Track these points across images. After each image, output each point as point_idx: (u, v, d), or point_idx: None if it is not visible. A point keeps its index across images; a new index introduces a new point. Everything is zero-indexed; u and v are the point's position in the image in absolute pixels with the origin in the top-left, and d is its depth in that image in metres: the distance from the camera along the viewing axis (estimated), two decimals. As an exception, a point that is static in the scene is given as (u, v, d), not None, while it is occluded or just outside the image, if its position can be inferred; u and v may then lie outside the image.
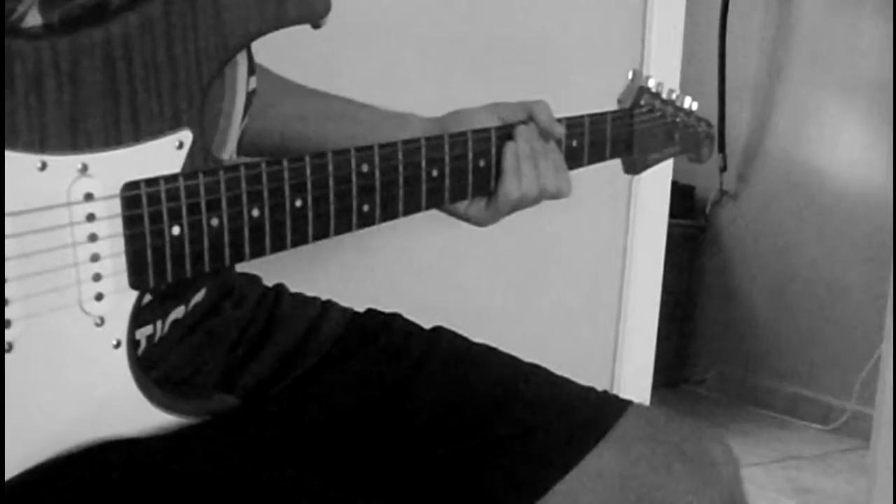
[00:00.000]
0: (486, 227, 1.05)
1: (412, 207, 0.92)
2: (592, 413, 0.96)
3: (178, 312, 0.91)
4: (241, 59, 0.91)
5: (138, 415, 0.80)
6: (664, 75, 1.71)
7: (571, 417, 0.96)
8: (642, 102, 1.12)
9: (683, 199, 3.69)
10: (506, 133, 1.00)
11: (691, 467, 0.94)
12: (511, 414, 0.96)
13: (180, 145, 0.78)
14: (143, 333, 0.85)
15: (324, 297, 1.07)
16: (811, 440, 3.32)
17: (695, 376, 3.89)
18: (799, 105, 3.50)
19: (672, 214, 1.80)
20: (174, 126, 0.77)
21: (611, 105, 1.78)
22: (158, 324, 0.88)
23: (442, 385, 0.98)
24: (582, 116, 1.06)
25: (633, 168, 1.14)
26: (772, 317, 3.65)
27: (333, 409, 0.97)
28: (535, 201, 1.03)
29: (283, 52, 1.07)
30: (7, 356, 0.72)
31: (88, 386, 0.77)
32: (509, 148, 0.99)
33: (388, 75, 1.50)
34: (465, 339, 1.04)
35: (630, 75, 1.14)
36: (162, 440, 0.81)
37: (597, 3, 1.67)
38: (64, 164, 0.73)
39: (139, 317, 0.81)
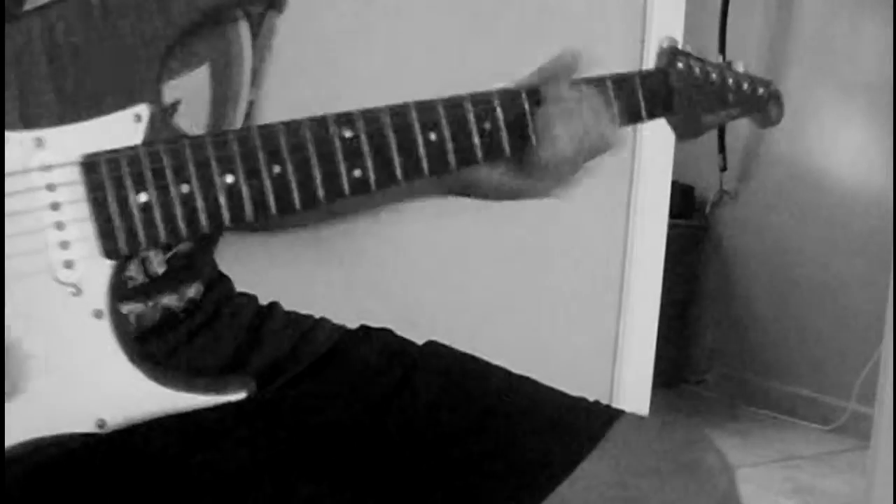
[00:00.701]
0: (546, 198, 0.99)
1: (413, 172, 0.89)
2: (584, 422, 0.96)
3: (171, 300, 0.91)
4: (245, 38, 0.91)
5: (134, 390, 0.80)
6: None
7: (563, 427, 0.95)
8: (680, 64, 1.07)
9: (683, 199, 3.69)
10: (509, 96, 0.95)
11: (685, 475, 0.93)
12: (502, 424, 0.96)
13: (138, 118, 0.79)
14: (130, 309, 0.86)
15: (317, 315, 1.08)
16: (811, 440, 3.32)
17: (695, 376, 3.89)
18: (799, 105, 3.50)
19: (672, 214, 1.81)
20: (129, 101, 0.79)
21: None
22: (149, 304, 0.88)
23: (432, 396, 0.98)
24: (604, 77, 1.00)
25: (685, 131, 1.08)
26: (772, 317, 3.65)
27: (320, 419, 0.97)
28: (579, 153, 0.95)
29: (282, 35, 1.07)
30: None
31: (74, 358, 0.78)
32: (539, 113, 0.94)
33: (384, 77, 1.50)
34: (456, 352, 1.04)
35: (663, 42, 1.09)
36: (153, 431, 0.81)
37: (597, 3, 1.66)
38: (18, 139, 0.76)
39: (125, 294, 0.82)
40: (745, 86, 1.12)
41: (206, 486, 0.78)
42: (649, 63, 1.70)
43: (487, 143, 0.92)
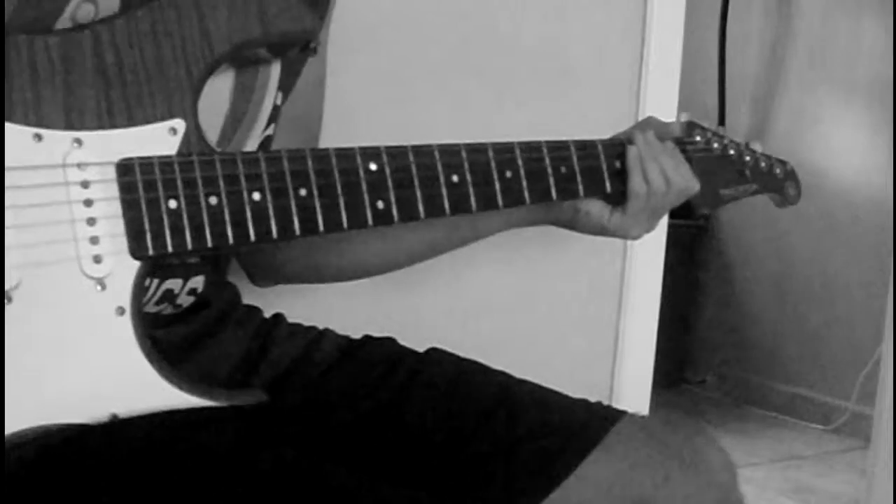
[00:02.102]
0: (638, 237, 1.09)
1: (435, 210, 0.92)
2: (586, 422, 0.97)
3: (174, 284, 0.93)
4: (274, 70, 0.95)
5: (149, 389, 0.82)
6: (664, 75, 1.71)
7: (565, 427, 0.96)
8: (697, 137, 1.12)
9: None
10: (529, 146, 1.00)
11: (688, 473, 0.94)
12: (504, 425, 0.96)
13: (174, 132, 0.83)
14: None
15: (321, 327, 1.09)
16: (811, 440, 3.32)
17: (695, 376, 3.89)
18: (799, 105, 3.50)
19: (672, 214, 1.80)
20: (166, 115, 0.83)
21: (611, 106, 1.77)
22: (154, 283, 0.90)
23: (434, 400, 0.99)
24: (621, 142, 1.07)
25: (703, 203, 1.14)
26: (772, 317, 3.65)
27: (326, 422, 0.98)
28: (666, 197, 1.06)
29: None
30: (7, 307, 0.76)
31: (93, 351, 0.80)
32: (631, 150, 1.04)
33: (390, 81, 1.50)
34: (458, 357, 1.05)
35: (682, 117, 1.15)
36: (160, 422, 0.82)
37: (597, 3, 1.67)
38: (58, 137, 0.79)
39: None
40: (763, 164, 1.18)
41: (203, 471, 0.78)
42: (649, 63, 1.70)
43: (506, 188, 0.98)
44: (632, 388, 1.78)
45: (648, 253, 1.77)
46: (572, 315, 1.73)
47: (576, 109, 1.64)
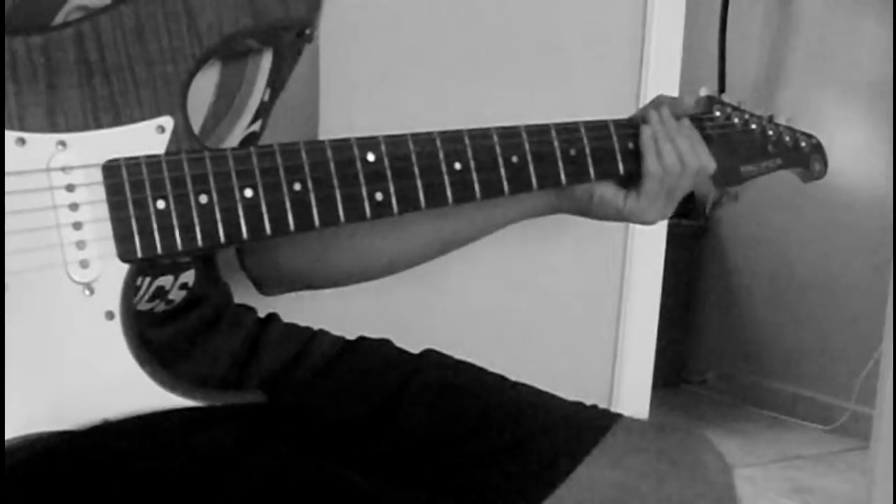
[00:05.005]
0: (655, 221, 1.06)
1: (436, 200, 0.89)
2: (581, 426, 0.96)
3: (165, 281, 0.92)
4: (265, 63, 0.93)
5: (141, 393, 0.80)
6: (664, 75, 1.71)
7: (560, 431, 0.95)
8: (716, 113, 1.08)
9: (683, 199, 3.67)
10: (537, 129, 0.96)
11: (684, 476, 0.93)
12: (499, 429, 0.96)
13: (161, 129, 0.81)
14: None
15: (316, 327, 1.09)
16: (811, 440, 3.32)
17: (695, 376, 3.89)
18: (799, 105, 3.50)
19: (672, 214, 1.81)
20: (154, 113, 0.81)
21: (611, 105, 1.77)
22: (146, 281, 0.89)
23: (429, 403, 0.98)
24: (634, 122, 1.03)
25: (723, 180, 1.08)
26: (772, 317, 3.65)
27: (322, 423, 0.97)
28: (681, 178, 1.03)
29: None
30: None
31: (83, 357, 0.79)
32: (645, 130, 1.01)
33: (387, 75, 1.50)
34: (453, 360, 1.04)
35: (701, 91, 1.11)
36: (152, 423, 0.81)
37: (597, 3, 1.66)
38: (42, 141, 0.77)
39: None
40: (787, 139, 1.13)
41: (197, 472, 0.78)
42: (649, 64, 1.70)
43: (511, 175, 0.94)
44: (632, 388, 1.78)
45: (648, 253, 1.77)
46: (572, 315, 1.73)
47: (575, 109, 1.64)
